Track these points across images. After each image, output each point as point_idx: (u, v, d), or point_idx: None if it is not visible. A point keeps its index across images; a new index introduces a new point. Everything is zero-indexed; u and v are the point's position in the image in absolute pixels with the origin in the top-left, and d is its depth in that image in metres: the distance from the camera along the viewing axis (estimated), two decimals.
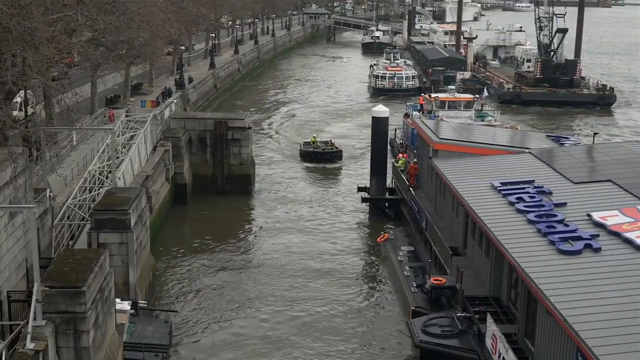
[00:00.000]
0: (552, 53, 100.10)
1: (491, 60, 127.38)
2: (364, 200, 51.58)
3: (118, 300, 29.51)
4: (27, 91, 38.77)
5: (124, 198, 34.12)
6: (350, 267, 42.61)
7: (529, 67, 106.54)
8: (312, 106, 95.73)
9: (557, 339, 23.04)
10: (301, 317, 36.20)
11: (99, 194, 36.95)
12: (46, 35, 32.36)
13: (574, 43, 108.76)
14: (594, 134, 54.96)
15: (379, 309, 37.41)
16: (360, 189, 52.48)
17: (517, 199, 32.24)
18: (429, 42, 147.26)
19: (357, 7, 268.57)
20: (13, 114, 35.47)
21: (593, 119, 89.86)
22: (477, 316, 28.88)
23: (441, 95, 66.86)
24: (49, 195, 33.04)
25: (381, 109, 51.45)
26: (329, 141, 67.34)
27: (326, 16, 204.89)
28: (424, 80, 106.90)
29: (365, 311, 37.14)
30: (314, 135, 68.96)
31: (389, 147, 58.55)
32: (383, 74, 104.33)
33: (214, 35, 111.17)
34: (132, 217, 33.00)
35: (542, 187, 33.63)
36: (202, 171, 55.45)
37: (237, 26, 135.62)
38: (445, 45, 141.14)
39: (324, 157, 64.76)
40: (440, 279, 33.22)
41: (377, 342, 33.95)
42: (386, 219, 50.32)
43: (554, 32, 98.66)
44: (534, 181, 34.67)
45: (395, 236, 45.13)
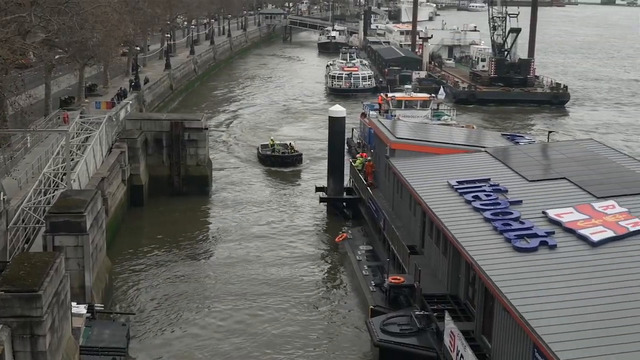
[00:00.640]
0: (506, 52, 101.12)
1: (446, 59, 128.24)
2: (321, 200, 51.61)
3: (74, 303, 29.19)
4: None
5: (79, 200, 33.72)
6: (308, 267, 42.61)
7: (483, 66, 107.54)
8: (269, 106, 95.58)
9: (514, 335, 23.26)
10: (259, 317, 36.14)
11: (54, 196, 36.51)
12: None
13: (528, 42, 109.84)
14: (549, 132, 55.49)
15: (338, 309, 37.46)
16: (318, 189, 52.55)
17: (473, 197, 32.47)
18: (385, 42, 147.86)
19: (312, 7, 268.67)
20: None
21: (547, 117, 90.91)
22: (435, 314, 29.04)
23: (398, 95, 67.08)
24: (3, 199, 32.58)
25: (338, 109, 51.54)
26: (289, 144, 66.41)
27: (282, 16, 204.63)
28: (380, 80, 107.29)
29: (324, 311, 37.17)
30: (271, 138, 68.02)
31: (346, 146, 58.62)
32: (339, 74, 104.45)
33: (169, 35, 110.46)
34: (88, 220, 32.65)
35: (498, 185, 33.93)
36: (159, 172, 55.04)
37: (193, 26, 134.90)
38: (401, 45, 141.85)
39: (284, 161, 63.79)
40: (398, 277, 33.34)
41: (336, 341, 34.00)
42: (344, 219, 50.44)
43: (507, 32, 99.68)
44: (489, 179, 34.96)
45: (353, 236, 45.23)
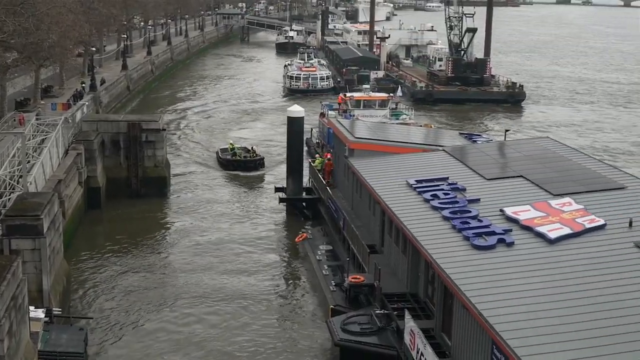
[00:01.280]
0: (463, 52, 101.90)
1: (404, 59, 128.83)
2: (281, 200, 51.58)
3: (32, 308, 28.85)
4: None
5: (35, 203, 33.34)
6: (268, 267, 42.57)
7: (440, 66, 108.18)
8: (227, 107, 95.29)
9: (473, 332, 23.46)
10: (219, 317, 36.04)
11: (9, 199, 36.01)
12: None
13: (484, 42, 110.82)
14: (505, 130, 56.03)
15: (298, 309, 37.48)
16: (277, 189, 52.51)
17: (432, 196, 32.69)
18: (342, 42, 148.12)
19: (270, 8, 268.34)
20: None
21: (504, 116, 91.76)
22: (395, 313, 29.17)
23: (356, 95, 67.29)
24: None
25: (296, 109, 51.54)
26: (251, 148, 65.13)
27: (240, 16, 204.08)
28: (339, 80, 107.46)
29: (284, 311, 37.16)
30: (231, 142, 67.13)
31: (305, 147, 58.63)
32: (297, 74, 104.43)
33: (125, 36, 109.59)
34: (45, 223, 32.29)
35: (456, 184, 34.20)
36: (116, 174, 54.57)
37: (150, 27, 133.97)
38: (358, 45, 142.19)
39: (246, 165, 62.61)
40: (358, 277, 33.45)
41: (297, 341, 34.01)
42: (304, 219, 50.45)
43: (464, 32, 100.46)
44: (448, 178, 35.23)
45: (313, 236, 45.28)
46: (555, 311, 22.10)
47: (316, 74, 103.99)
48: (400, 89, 78.30)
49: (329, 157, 49.65)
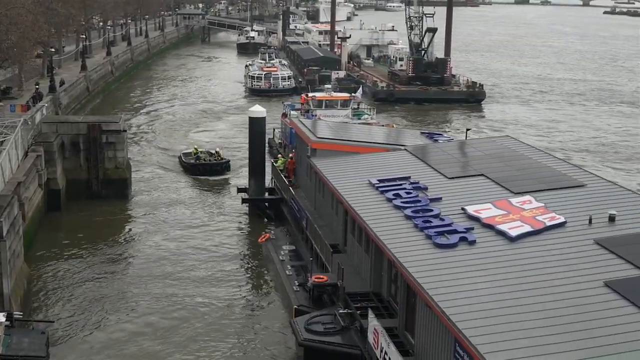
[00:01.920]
0: (423, 52, 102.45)
1: (365, 59, 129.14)
2: (243, 201, 51.45)
3: None
4: None
5: None
6: (231, 268, 42.46)
7: (401, 65, 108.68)
8: (188, 108, 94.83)
9: (436, 331, 23.61)
10: (182, 318, 35.89)
11: None
12: None
13: (444, 42, 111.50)
14: (467, 129, 56.42)
15: (262, 309, 37.45)
16: (240, 190, 52.39)
17: (394, 195, 32.85)
18: (303, 42, 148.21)
19: (231, 8, 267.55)
20: None
21: (464, 115, 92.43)
22: (358, 312, 29.25)
23: (318, 95, 67.38)
24: None
25: (258, 109, 51.45)
26: (215, 151, 63.47)
27: (200, 17, 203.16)
28: (300, 80, 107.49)
29: (247, 312, 37.11)
30: (195, 147, 65.35)
31: (267, 147, 58.63)
32: (259, 74, 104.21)
33: (85, 36, 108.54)
34: (4, 226, 31.93)
35: (418, 183, 34.41)
36: (77, 176, 54.06)
37: (109, 27, 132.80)
38: (319, 45, 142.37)
39: (212, 169, 61.14)
40: (321, 276, 33.49)
41: (261, 342, 33.98)
42: (267, 219, 50.41)
43: (424, 32, 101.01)
44: (410, 177, 35.42)
45: (276, 236, 45.22)
46: (516, 308, 22.34)
47: (277, 74, 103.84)
48: (361, 88, 78.46)
49: (291, 156, 49.75)
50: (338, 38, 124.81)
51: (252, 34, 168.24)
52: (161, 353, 32.74)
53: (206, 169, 61.12)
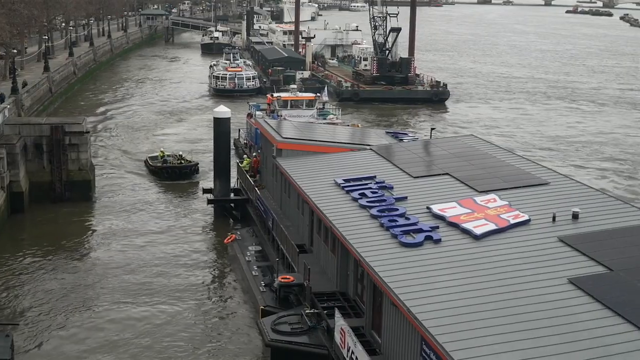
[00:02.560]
0: (387, 52, 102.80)
1: (329, 59, 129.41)
2: (209, 202, 51.26)
3: None
4: None
5: None
6: (197, 269, 42.29)
7: (365, 65, 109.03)
8: (153, 109, 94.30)
9: (403, 329, 23.69)
10: (147, 320, 35.71)
11: None
12: None
13: (408, 41, 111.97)
14: (431, 129, 56.82)
15: (229, 310, 37.35)
16: (205, 190, 52.21)
17: (360, 194, 32.92)
18: (268, 42, 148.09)
19: (195, 8, 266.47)
20: None
21: (429, 114, 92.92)
22: (325, 312, 29.27)
23: (283, 95, 67.30)
24: None
25: (223, 110, 51.26)
26: (179, 155, 62.36)
27: (164, 17, 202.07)
28: (264, 80, 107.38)
29: (214, 313, 36.98)
30: (161, 150, 64.61)
31: (233, 147, 58.39)
32: (223, 74, 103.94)
33: (47, 37, 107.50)
34: None
35: (383, 182, 34.50)
36: (40, 178, 53.54)
37: (71, 28, 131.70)
38: (284, 45, 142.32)
39: (181, 172, 60.09)
40: (288, 277, 33.46)
41: (228, 343, 33.90)
42: (233, 220, 50.27)
43: (388, 31, 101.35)
44: (375, 177, 35.51)
45: (242, 236, 45.09)
46: (482, 306, 22.48)
47: (242, 74, 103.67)
48: (326, 88, 78.52)
49: (255, 154, 49.68)
50: (302, 38, 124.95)
51: (216, 34, 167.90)
52: (126, 354, 32.56)
53: (175, 173, 60.06)
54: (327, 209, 32.33)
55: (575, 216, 28.61)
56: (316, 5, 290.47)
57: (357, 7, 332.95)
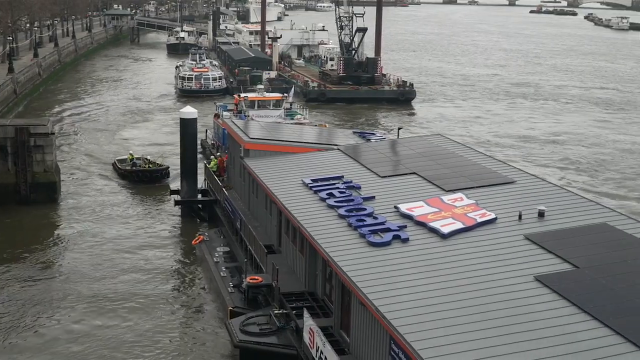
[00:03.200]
0: (354, 51, 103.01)
1: (296, 59, 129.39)
2: (176, 203, 51.04)
3: None
4: None
5: None
6: (164, 271, 42.06)
7: (332, 65, 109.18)
8: (118, 110, 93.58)
9: (371, 328, 23.78)
10: (115, 322, 35.44)
11: None
12: None
13: (374, 41, 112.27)
14: (398, 128, 57.04)
15: (197, 312, 37.19)
16: (172, 191, 51.96)
17: (327, 194, 32.99)
18: (234, 43, 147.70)
19: (160, 8, 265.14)
20: None
21: (396, 114, 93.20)
22: (294, 312, 29.30)
23: (250, 95, 67.18)
24: None
25: (189, 110, 51.05)
26: (147, 159, 61.59)
27: (129, 17, 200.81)
28: (231, 80, 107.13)
29: (182, 315, 36.81)
30: (130, 152, 63.49)
31: (200, 148, 58.16)
32: (189, 75, 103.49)
33: (11, 38, 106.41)
34: None
35: (351, 182, 34.61)
36: (4, 180, 52.93)
37: (36, 28, 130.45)
38: (250, 45, 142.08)
39: (153, 175, 59.05)
40: (256, 277, 33.42)
41: (196, 344, 33.76)
42: (200, 221, 50.11)
43: (354, 31, 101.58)
44: (343, 177, 35.61)
45: (210, 237, 44.96)
46: (450, 304, 22.63)
47: (208, 75, 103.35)
48: (293, 89, 78.50)
49: (219, 154, 49.62)
50: (269, 38, 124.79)
51: (182, 34, 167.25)
52: (92, 356, 32.29)
53: (146, 176, 59.00)
54: (295, 209, 32.36)
55: (541, 214, 28.91)
56: (282, 6, 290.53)
57: (324, 7, 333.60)
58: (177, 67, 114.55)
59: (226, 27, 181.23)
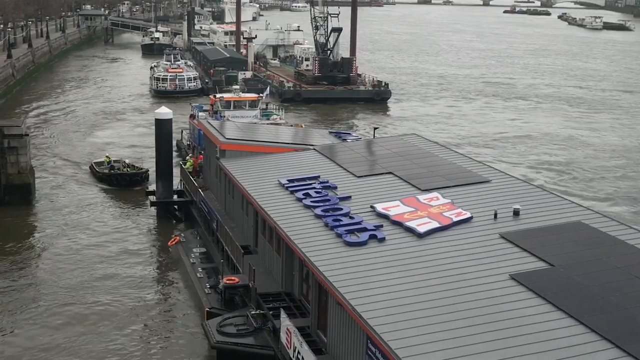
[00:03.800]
0: (329, 52, 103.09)
1: (271, 59, 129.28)
2: (152, 204, 50.84)
3: None
4: None
5: None
6: (141, 272, 41.88)
7: (307, 65, 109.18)
8: (93, 110, 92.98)
9: (348, 328, 23.83)
10: (92, 324, 35.28)
11: None
12: None
13: (349, 41, 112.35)
14: (374, 128, 57.16)
15: (173, 313, 37.07)
16: (148, 192, 51.75)
17: (304, 194, 33.03)
18: (209, 43, 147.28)
19: (134, 8, 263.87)
20: None
21: (371, 114, 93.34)
22: (271, 313, 29.31)
23: (226, 95, 67.01)
24: None
25: (164, 111, 50.84)
26: (125, 162, 60.48)
27: (103, 17, 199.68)
28: (206, 80, 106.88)
29: (159, 316, 36.68)
30: (107, 155, 62.45)
31: (176, 149, 57.92)
32: (164, 75, 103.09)
33: None
34: None
35: (327, 182, 34.67)
36: None
37: (10, 29, 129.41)
38: (225, 46, 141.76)
39: (132, 179, 58.00)
40: (233, 278, 33.41)
41: (173, 346, 33.66)
42: (176, 222, 49.95)
43: (329, 32, 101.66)
44: (319, 177, 35.67)
45: (186, 238, 44.86)
46: (426, 303, 22.74)
47: (183, 75, 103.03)
48: (269, 89, 78.43)
49: (190, 155, 49.56)
50: (244, 38, 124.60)
51: (157, 35, 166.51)
52: (69, 358, 32.09)
53: (125, 180, 58.02)
54: (271, 209, 32.36)
55: (516, 213, 29.12)
56: (257, 6, 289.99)
57: (299, 7, 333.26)
58: (151, 67, 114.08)
59: (201, 27, 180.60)
